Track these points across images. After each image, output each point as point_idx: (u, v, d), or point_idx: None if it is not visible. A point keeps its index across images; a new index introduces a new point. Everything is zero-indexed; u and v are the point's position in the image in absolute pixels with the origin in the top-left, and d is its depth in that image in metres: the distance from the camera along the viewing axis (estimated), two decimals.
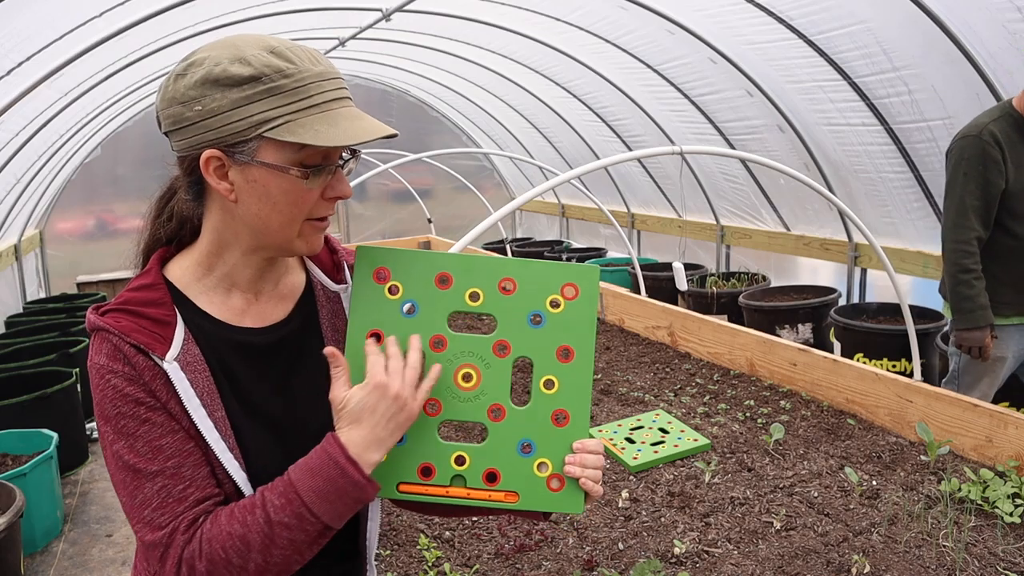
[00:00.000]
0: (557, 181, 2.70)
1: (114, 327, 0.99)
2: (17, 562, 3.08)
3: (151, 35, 4.81)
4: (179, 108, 0.97)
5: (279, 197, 0.98)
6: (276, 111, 0.94)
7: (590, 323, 1.08)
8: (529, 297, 1.07)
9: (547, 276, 1.07)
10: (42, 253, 7.52)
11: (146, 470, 0.96)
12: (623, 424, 3.35)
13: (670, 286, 5.44)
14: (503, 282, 1.07)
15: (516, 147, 8.99)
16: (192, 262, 1.09)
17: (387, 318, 1.06)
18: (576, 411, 1.08)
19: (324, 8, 5.47)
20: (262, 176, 0.97)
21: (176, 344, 1.01)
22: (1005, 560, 2.24)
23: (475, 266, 1.07)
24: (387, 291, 1.07)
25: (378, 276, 1.07)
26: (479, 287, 1.07)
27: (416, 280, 1.07)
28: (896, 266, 4.61)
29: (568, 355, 1.08)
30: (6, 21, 3.49)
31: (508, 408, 1.09)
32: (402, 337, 1.05)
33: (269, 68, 0.94)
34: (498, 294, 1.07)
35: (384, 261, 1.07)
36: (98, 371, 0.98)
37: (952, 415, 2.95)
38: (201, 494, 0.98)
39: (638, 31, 5.23)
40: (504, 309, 1.08)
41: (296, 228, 1.02)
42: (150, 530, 0.96)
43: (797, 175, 3.14)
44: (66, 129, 5.87)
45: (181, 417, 1.00)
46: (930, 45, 3.64)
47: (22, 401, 3.96)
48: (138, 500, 0.96)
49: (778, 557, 2.32)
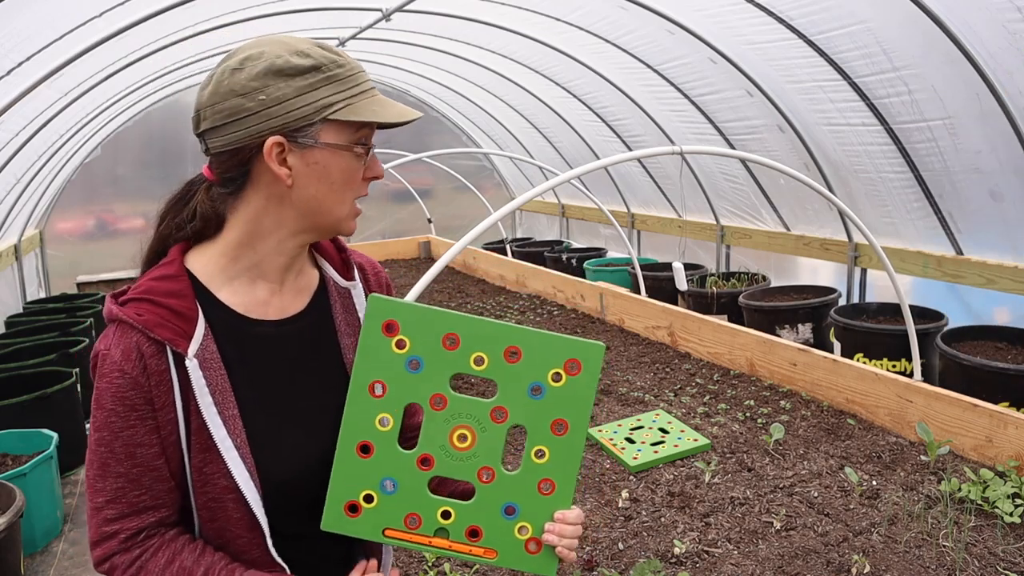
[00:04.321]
0: (557, 181, 2.70)
1: (137, 321, 1.02)
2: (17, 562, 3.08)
3: (151, 35, 4.81)
4: (239, 100, 1.02)
5: (337, 176, 1.07)
6: (337, 95, 1.04)
7: (588, 399, 1.09)
8: (532, 368, 1.08)
9: (552, 349, 1.08)
10: (42, 253, 7.51)
11: (114, 468, 1.03)
12: (623, 424, 3.35)
13: (670, 286, 5.43)
14: (509, 349, 1.08)
15: (516, 147, 8.98)
16: (217, 253, 1.11)
17: (391, 371, 1.09)
18: (562, 481, 1.11)
19: (324, 8, 5.47)
20: (323, 158, 1.06)
21: (196, 340, 1.05)
22: (1005, 560, 2.24)
23: (484, 331, 1.08)
24: (394, 344, 1.08)
25: (387, 328, 1.08)
26: (485, 352, 1.08)
27: (424, 337, 1.08)
28: (896, 266, 4.61)
29: (563, 428, 1.09)
30: (6, 21, 3.48)
31: (498, 472, 1.11)
32: (403, 391, 1.09)
33: (326, 59, 1.04)
34: (503, 361, 1.08)
35: (395, 314, 1.08)
36: (108, 363, 1.02)
37: (952, 415, 2.95)
38: (152, 503, 1.05)
39: (638, 31, 5.22)
40: (506, 376, 1.09)
41: (348, 207, 1.11)
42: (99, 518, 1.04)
43: (797, 175, 3.14)
44: (66, 129, 5.87)
45: (194, 413, 1.04)
46: (930, 45, 3.64)
47: (22, 401, 3.96)
48: (98, 487, 1.04)
49: (778, 557, 2.32)
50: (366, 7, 5.44)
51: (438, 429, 1.09)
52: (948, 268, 4.45)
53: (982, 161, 3.89)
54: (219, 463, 1.05)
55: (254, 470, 1.07)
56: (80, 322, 5.52)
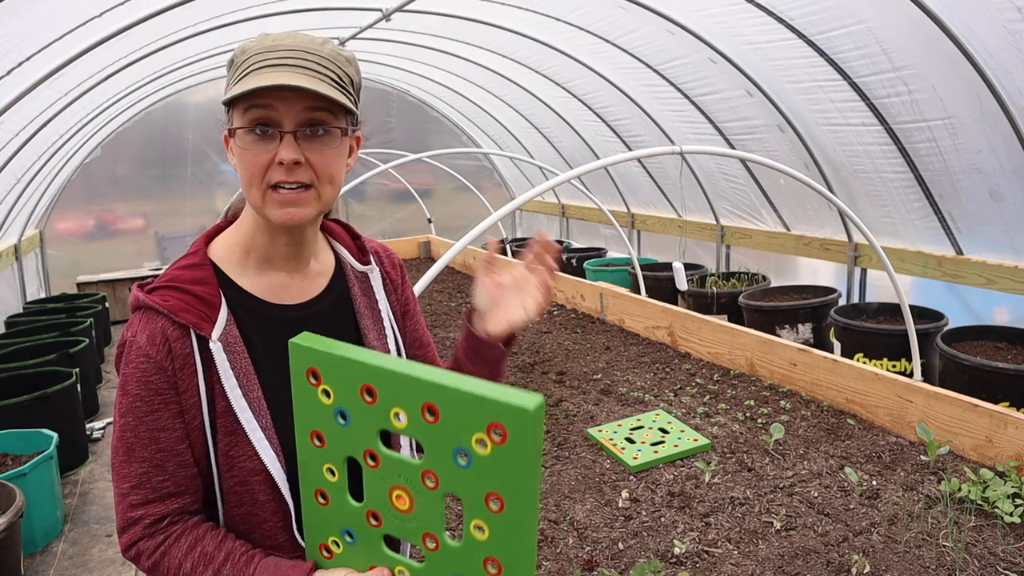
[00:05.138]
0: (557, 181, 2.70)
1: (163, 306, 1.05)
2: (17, 562, 3.08)
3: (151, 35, 4.81)
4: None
5: (240, 163, 1.07)
6: (233, 78, 1.06)
7: (523, 473, 0.87)
8: (453, 430, 0.90)
9: (470, 410, 0.88)
10: (42, 253, 7.52)
11: (138, 453, 1.06)
12: (623, 424, 3.35)
13: (670, 286, 5.43)
14: (426, 406, 0.91)
15: (516, 147, 8.99)
16: (233, 242, 1.16)
17: (323, 421, 1.00)
18: (510, 564, 0.92)
19: (324, 8, 5.47)
20: (233, 146, 1.08)
21: (220, 324, 1.08)
22: (1005, 560, 2.24)
23: (398, 384, 0.92)
24: (321, 393, 0.99)
25: (311, 376, 0.99)
26: (403, 408, 0.93)
27: (343, 388, 0.97)
28: (896, 266, 4.61)
29: (498, 505, 0.90)
30: (6, 21, 3.48)
31: (441, 541, 0.97)
32: (338, 444, 1.00)
33: (242, 49, 1.06)
34: (421, 420, 0.92)
35: (313, 362, 0.98)
36: (134, 350, 1.05)
37: (952, 415, 2.95)
38: (175, 489, 1.07)
39: (638, 31, 5.23)
40: (430, 438, 0.92)
41: (259, 193, 1.07)
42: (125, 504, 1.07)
43: (797, 175, 3.14)
44: (66, 129, 5.87)
45: (219, 397, 1.06)
46: (930, 45, 3.64)
47: (22, 401, 3.96)
48: (123, 472, 1.06)
49: (778, 557, 2.32)
50: (366, 7, 5.44)
51: (377, 487, 0.99)
52: (948, 268, 4.45)
53: (982, 161, 3.89)
54: (246, 445, 1.07)
55: (280, 451, 1.09)
56: (80, 322, 5.52)
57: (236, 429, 1.07)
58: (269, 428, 1.09)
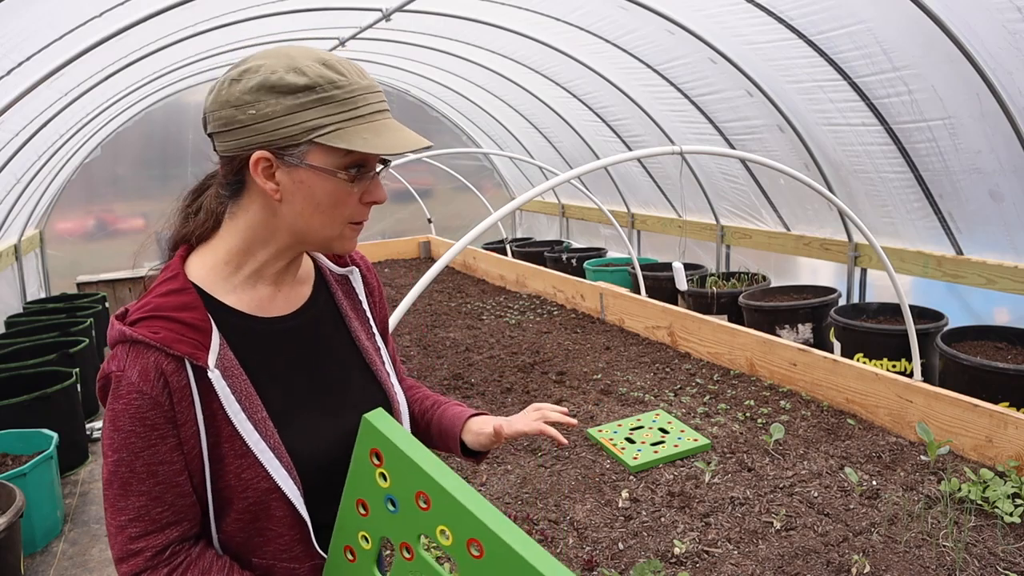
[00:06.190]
0: (557, 181, 2.70)
1: (154, 339, 1.01)
2: (17, 562, 3.08)
3: (151, 35, 4.81)
4: (231, 111, 1.02)
5: (323, 199, 1.05)
6: (328, 119, 1.01)
7: None
8: (492, 572, 0.93)
9: (513, 567, 0.91)
10: (42, 253, 7.52)
11: (136, 487, 1.03)
12: (623, 424, 3.35)
13: (670, 286, 5.44)
14: (472, 541, 0.93)
15: (516, 147, 8.99)
16: (218, 261, 1.12)
17: (373, 497, 1.04)
18: None
19: (324, 8, 5.47)
20: (309, 178, 1.04)
21: (214, 350, 1.05)
22: (1005, 560, 2.24)
23: (452, 508, 0.95)
24: (378, 475, 1.02)
25: (373, 457, 1.03)
26: (450, 529, 0.95)
27: (401, 482, 1.00)
28: (896, 266, 4.61)
29: None
30: (6, 21, 3.48)
31: None
32: (381, 523, 1.03)
33: (322, 79, 1.01)
34: (464, 548, 0.94)
35: (380, 446, 1.02)
36: (124, 385, 1.00)
37: (952, 415, 2.95)
38: (174, 518, 1.05)
39: (638, 31, 5.23)
40: (467, 565, 0.94)
41: (338, 229, 1.09)
42: (123, 536, 1.04)
43: (797, 175, 3.14)
44: (66, 129, 5.87)
45: (223, 423, 1.04)
46: (930, 45, 3.64)
47: (22, 401, 3.96)
48: (119, 506, 1.03)
49: (778, 557, 2.32)
50: (366, 7, 5.44)
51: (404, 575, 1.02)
52: (948, 268, 4.45)
53: (982, 161, 3.89)
54: (257, 468, 1.06)
55: (292, 467, 1.09)
56: (80, 322, 5.52)
57: (245, 452, 1.06)
58: (279, 447, 1.08)
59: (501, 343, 4.90)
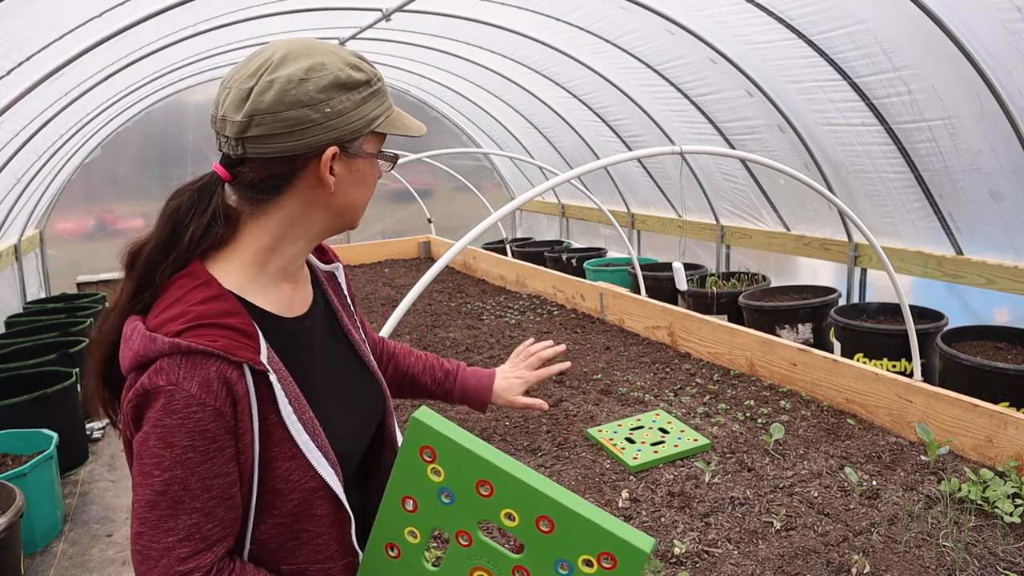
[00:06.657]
0: (557, 181, 2.70)
1: (215, 347, 0.98)
2: (17, 562, 3.08)
3: (151, 35, 4.81)
4: (304, 111, 1.04)
5: (371, 181, 1.16)
6: (379, 109, 1.11)
7: None
8: (563, 545, 0.99)
9: (588, 535, 0.97)
10: (42, 253, 7.52)
11: (188, 504, 0.98)
12: (623, 424, 3.35)
13: (670, 286, 5.44)
14: (542, 518, 0.99)
15: (516, 147, 8.99)
16: (244, 263, 1.11)
17: (423, 493, 1.06)
18: None
19: (324, 8, 5.47)
20: (363, 165, 1.13)
21: (263, 353, 1.04)
22: (1005, 560, 2.24)
23: (519, 490, 1.00)
24: (429, 471, 1.05)
25: (424, 454, 1.05)
26: (517, 512, 1.01)
27: (459, 475, 1.03)
28: (896, 266, 4.61)
29: None
30: (6, 21, 3.48)
31: None
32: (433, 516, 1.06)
33: (372, 74, 1.12)
34: (533, 527, 1.00)
35: (432, 443, 1.04)
36: (181, 399, 0.96)
37: (952, 415, 2.95)
38: (222, 534, 1.02)
39: (638, 31, 5.23)
40: (535, 543, 1.01)
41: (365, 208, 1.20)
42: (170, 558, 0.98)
43: (797, 175, 3.14)
44: (66, 129, 5.87)
45: (275, 427, 1.04)
46: (930, 45, 3.64)
47: (22, 401, 3.96)
48: (166, 527, 0.98)
49: (778, 557, 2.32)
50: (366, 7, 5.44)
51: (459, 564, 1.06)
52: (948, 268, 4.45)
53: (982, 161, 3.89)
54: (306, 468, 1.07)
55: (336, 464, 1.11)
56: (80, 322, 5.52)
57: (295, 454, 1.06)
58: (325, 445, 1.10)
59: (501, 343, 4.90)
